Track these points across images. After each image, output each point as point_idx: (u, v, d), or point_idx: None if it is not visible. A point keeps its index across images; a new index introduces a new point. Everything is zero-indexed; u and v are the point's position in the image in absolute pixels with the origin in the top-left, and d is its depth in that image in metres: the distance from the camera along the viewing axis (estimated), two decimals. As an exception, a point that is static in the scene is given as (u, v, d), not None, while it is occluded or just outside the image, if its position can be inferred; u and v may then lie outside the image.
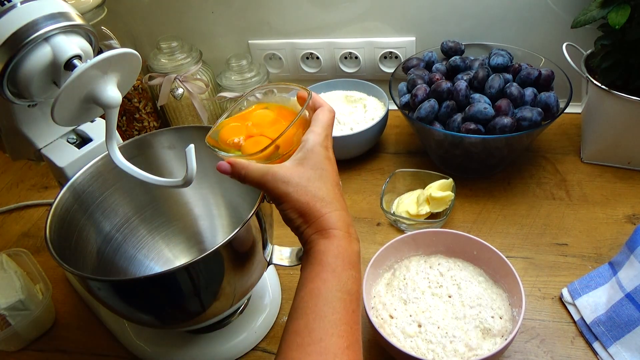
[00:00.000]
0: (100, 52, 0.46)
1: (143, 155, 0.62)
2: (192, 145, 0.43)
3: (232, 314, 0.64)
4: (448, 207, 0.73)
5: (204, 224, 0.69)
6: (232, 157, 0.45)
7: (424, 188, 0.76)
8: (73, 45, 0.48)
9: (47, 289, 0.67)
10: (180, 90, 0.89)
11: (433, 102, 0.74)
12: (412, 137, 0.92)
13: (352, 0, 0.90)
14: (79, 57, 0.48)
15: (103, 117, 0.49)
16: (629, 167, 0.79)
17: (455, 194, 0.73)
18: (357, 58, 0.97)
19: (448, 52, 0.84)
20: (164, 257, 0.67)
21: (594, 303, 0.59)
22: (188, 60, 0.89)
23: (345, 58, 0.98)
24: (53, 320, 0.69)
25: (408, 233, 0.64)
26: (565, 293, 0.62)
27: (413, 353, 0.52)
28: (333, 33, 0.95)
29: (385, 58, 0.96)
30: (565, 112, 0.71)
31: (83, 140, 0.62)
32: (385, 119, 0.86)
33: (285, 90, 0.50)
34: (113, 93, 0.47)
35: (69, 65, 0.47)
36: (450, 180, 0.74)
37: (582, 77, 0.76)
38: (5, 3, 0.45)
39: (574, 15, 0.71)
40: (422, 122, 0.74)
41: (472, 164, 0.79)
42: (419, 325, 0.56)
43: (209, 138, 0.47)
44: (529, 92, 0.73)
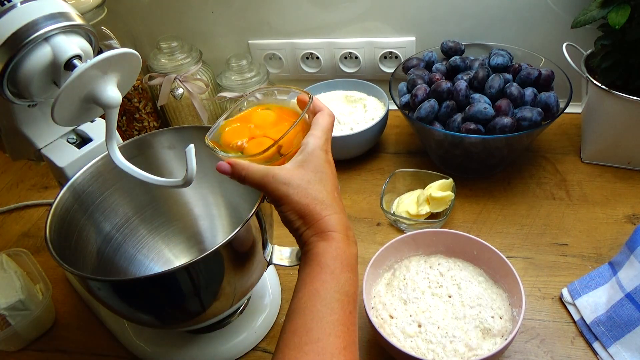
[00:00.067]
0: (100, 52, 0.46)
1: (143, 155, 0.62)
2: (192, 145, 0.43)
3: (232, 314, 0.64)
4: (448, 207, 0.73)
5: (204, 224, 0.69)
6: (232, 157, 0.45)
7: (424, 188, 0.76)
8: (73, 45, 0.48)
9: (47, 289, 0.67)
10: (180, 90, 0.89)
11: (433, 102, 0.74)
12: (412, 137, 0.92)
13: (352, 0, 0.90)
14: (79, 57, 0.48)
15: (103, 117, 0.49)
16: (629, 167, 0.79)
17: (455, 194, 0.73)
18: (357, 58, 0.97)
19: (448, 52, 0.84)
20: (164, 257, 0.67)
21: (594, 303, 0.59)
22: (188, 60, 0.89)
23: (345, 58, 0.98)
24: (53, 320, 0.69)
25: (408, 233, 0.64)
26: (565, 293, 0.62)
27: (413, 353, 0.52)
28: (333, 33, 0.95)
29: (385, 58, 0.96)
30: (565, 112, 0.71)
31: (83, 140, 0.62)
32: (385, 119, 0.86)
33: (285, 92, 0.50)
34: (113, 93, 0.47)
35: (69, 65, 0.47)
36: (450, 180, 0.74)
37: (582, 77, 0.76)
38: (5, 3, 0.45)
39: (574, 15, 0.71)
40: (422, 122, 0.74)
41: (472, 164, 0.79)
42: (419, 325, 0.56)
43: (211, 140, 0.47)
44: (529, 92, 0.73)
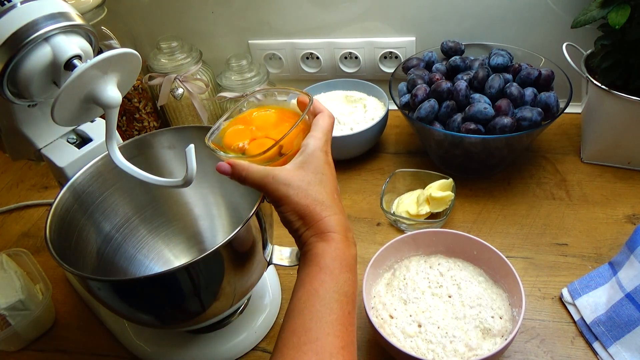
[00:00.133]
0: (100, 52, 0.46)
1: (143, 155, 0.62)
2: (192, 145, 0.43)
3: (232, 314, 0.64)
4: (448, 207, 0.73)
5: (204, 224, 0.69)
6: (232, 157, 0.45)
7: (424, 188, 0.76)
8: (73, 45, 0.48)
9: (47, 289, 0.67)
10: (180, 90, 0.89)
11: (433, 102, 0.74)
12: (412, 137, 0.92)
13: (352, 0, 0.90)
14: (79, 57, 0.48)
15: (103, 117, 0.49)
16: (629, 167, 0.79)
17: (455, 194, 0.73)
18: (357, 58, 0.97)
19: (448, 52, 0.84)
20: (164, 257, 0.67)
21: (594, 303, 0.59)
22: (188, 60, 0.89)
23: (345, 58, 0.98)
24: (53, 320, 0.69)
25: (408, 233, 0.64)
26: (565, 293, 0.62)
27: (413, 353, 0.52)
28: (333, 33, 0.95)
29: (385, 58, 0.96)
30: (565, 112, 0.71)
31: (83, 140, 0.62)
32: (385, 119, 0.86)
33: (285, 94, 0.50)
34: (113, 93, 0.47)
35: (69, 65, 0.47)
36: (450, 180, 0.74)
37: (582, 77, 0.76)
38: (5, 3, 0.45)
39: (574, 15, 0.71)
40: (422, 122, 0.74)
41: (472, 164, 0.79)
42: (419, 325, 0.56)
43: (212, 142, 0.47)
44: (529, 92, 0.73)
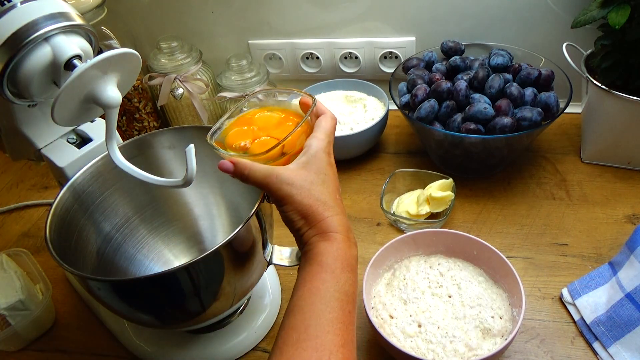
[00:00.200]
0: (100, 52, 0.46)
1: (143, 155, 0.62)
2: (192, 145, 0.43)
3: (232, 314, 0.64)
4: (448, 207, 0.73)
5: (204, 224, 0.69)
6: (234, 156, 0.45)
7: (424, 188, 0.76)
8: (73, 45, 0.48)
9: (47, 289, 0.67)
10: (180, 90, 0.89)
11: (433, 102, 0.74)
12: (412, 137, 0.92)
13: (352, 0, 0.90)
14: (79, 57, 0.48)
15: (103, 117, 0.49)
16: (629, 167, 0.79)
17: (455, 194, 0.73)
18: (357, 58, 0.97)
19: (448, 52, 0.84)
20: (164, 257, 0.67)
21: (594, 303, 0.59)
22: (188, 60, 0.89)
23: (345, 58, 0.98)
24: (53, 320, 0.69)
25: (408, 233, 0.64)
26: (565, 293, 0.62)
27: (413, 353, 0.52)
28: (333, 33, 0.95)
29: (385, 58, 0.96)
30: (565, 112, 0.71)
31: (83, 140, 0.62)
32: (385, 119, 0.86)
33: (286, 94, 0.50)
34: (113, 93, 0.47)
35: (69, 65, 0.47)
36: (450, 180, 0.74)
37: (582, 77, 0.76)
38: (5, 3, 0.45)
39: (574, 15, 0.71)
40: (422, 122, 0.74)
41: (472, 164, 0.79)
42: (419, 325, 0.56)
43: (215, 142, 0.47)
44: (529, 92, 0.73)
